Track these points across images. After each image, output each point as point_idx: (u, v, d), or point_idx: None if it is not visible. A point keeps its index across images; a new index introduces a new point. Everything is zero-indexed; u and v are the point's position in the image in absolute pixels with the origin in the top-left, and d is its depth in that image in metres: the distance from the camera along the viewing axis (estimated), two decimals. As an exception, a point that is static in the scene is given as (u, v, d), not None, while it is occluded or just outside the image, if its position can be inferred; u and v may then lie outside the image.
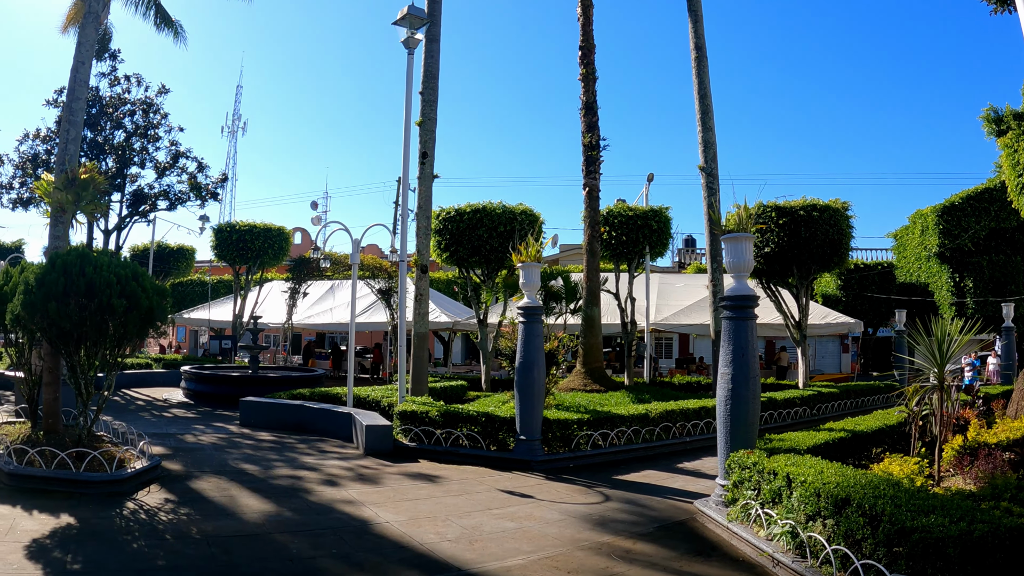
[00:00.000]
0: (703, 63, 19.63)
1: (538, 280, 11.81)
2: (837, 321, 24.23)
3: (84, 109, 11.26)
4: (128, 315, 9.07)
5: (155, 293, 9.51)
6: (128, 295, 9.08)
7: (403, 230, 14.56)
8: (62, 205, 10.44)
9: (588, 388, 17.77)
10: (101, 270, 9.03)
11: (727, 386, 8.73)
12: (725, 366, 8.78)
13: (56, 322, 8.83)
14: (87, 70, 11.31)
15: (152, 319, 9.48)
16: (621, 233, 21.49)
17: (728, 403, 8.73)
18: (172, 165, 27.46)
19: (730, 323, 8.82)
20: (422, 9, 14.58)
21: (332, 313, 28.19)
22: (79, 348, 9.34)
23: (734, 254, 8.97)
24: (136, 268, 9.62)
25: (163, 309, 9.65)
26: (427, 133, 16.29)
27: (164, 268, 33.04)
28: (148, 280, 9.55)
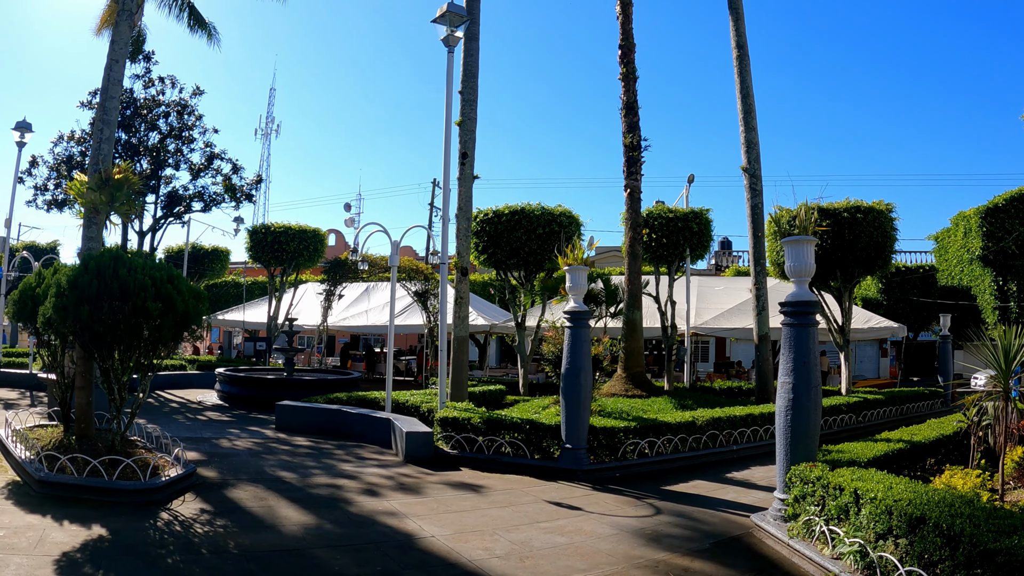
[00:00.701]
0: (745, 62, 19.28)
1: (585, 283, 11.42)
2: (880, 325, 23.62)
3: (118, 108, 11.02)
4: (163, 318, 8.79)
5: (191, 296, 9.22)
6: (163, 298, 8.81)
7: (444, 232, 14.23)
8: (96, 206, 10.20)
9: (630, 393, 17.37)
10: (135, 272, 8.76)
11: (788, 395, 8.28)
12: (786, 375, 8.33)
13: (89, 325, 8.57)
14: (121, 68, 11.06)
15: (188, 322, 9.20)
16: (661, 235, 21.11)
17: (788, 413, 8.28)
18: (207, 167, 27.37)
19: (791, 330, 8.37)
20: (461, 6, 14.27)
21: (367, 315, 27.97)
22: (112, 352, 9.07)
23: (795, 258, 8.53)
24: (171, 270, 9.35)
25: (199, 312, 9.35)
26: (467, 133, 15.97)
27: (199, 270, 33.04)
28: (184, 282, 9.27)
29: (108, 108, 10.62)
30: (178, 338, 9.42)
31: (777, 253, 20.13)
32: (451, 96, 14.47)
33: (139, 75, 26.69)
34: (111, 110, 10.67)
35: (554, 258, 19.75)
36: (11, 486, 8.89)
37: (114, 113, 10.72)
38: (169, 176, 26.96)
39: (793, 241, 8.59)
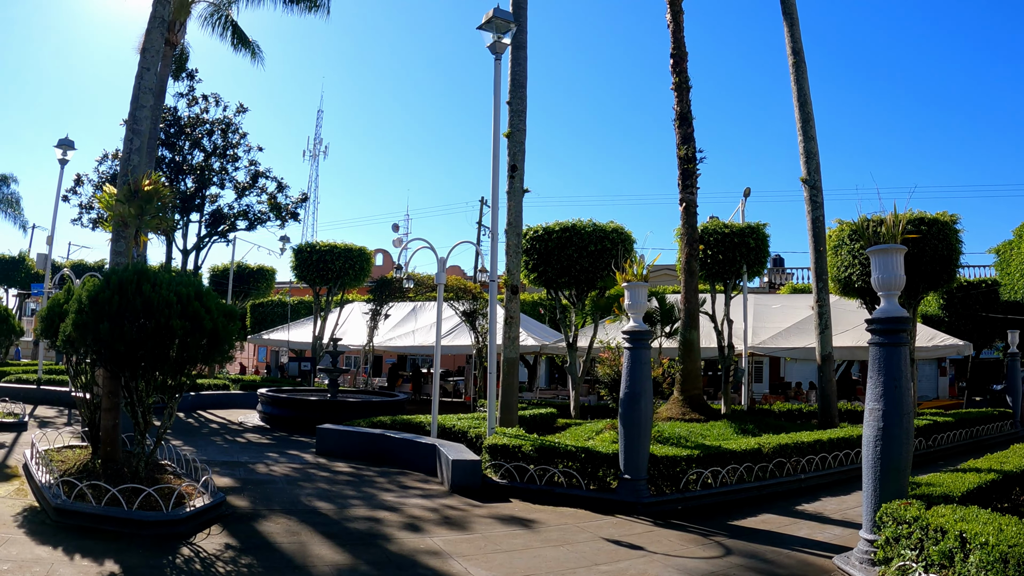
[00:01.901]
0: (801, 68, 18.55)
1: (645, 301, 10.61)
2: (944, 343, 22.44)
3: (149, 118, 10.57)
4: (189, 338, 8.17)
5: (221, 314, 8.60)
6: (190, 316, 8.19)
7: (493, 248, 13.45)
8: (124, 219, 9.68)
9: (687, 417, 16.45)
10: (160, 288, 8.16)
11: (877, 424, 7.40)
12: (875, 400, 7.45)
13: (109, 344, 7.98)
14: (152, 77, 10.59)
15: (218, 343, 8.56)
16: (717, 251, 20.21)
17: (878, 444, 7.39)
18: (251, 185, 27.18)
19: (881, 350, 7.48)
20: (508, 12, 13.63)
21: (414, 335, 27.42)
22: (136, 373, 8.47)
23: (884, 269, 7.64)
24: (200, 286, 8.75)
25: (229, 332, 8.72)
26: (516, 145, 15.30)
27: (244, 289, 32.86)
28: (213, 300, 8.65)
29: (138, 118, 10.14)
30: (207, 359, 8.78)
31: (838, 269, 19.22)
32: (499, 106, 13.81)
33: (182, 93, 26.60)
34: (141, 120, 10.19)
35: (606, 276, 19.15)
36: (27, 513, 8.33)
37: (145, 123, 10.25)
38: (214, 195, 26.79)
39: (881, 250, 7.71)
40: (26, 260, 40.05)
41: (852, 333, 22.13)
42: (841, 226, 19.58)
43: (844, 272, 19.24)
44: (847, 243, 19.23)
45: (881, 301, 7.69)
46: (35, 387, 22.68)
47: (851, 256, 19.07)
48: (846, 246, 19.26)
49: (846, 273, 19.19)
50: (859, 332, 22.18)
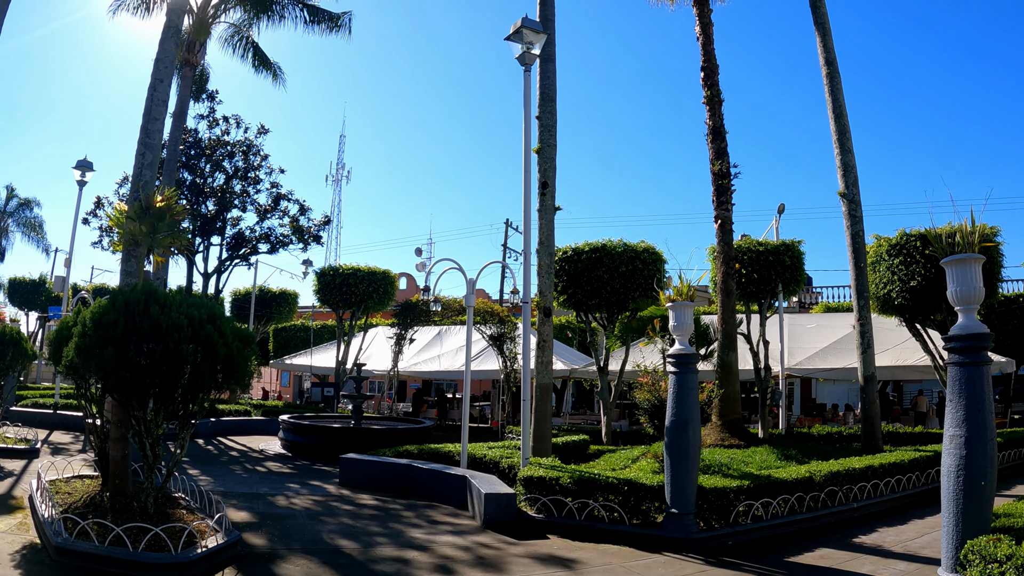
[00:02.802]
0: (835, 79, 17.96)
1: (691, 322, 9.93)
2: (987, 360, 21.59)
3: (162, 132, 10.13)
4: (201, 364, 7.58)
5: (236, 339, 8.01)
6: (202, 340, 7.61)
7: (526, 268, 12.81)
8: (135, 237, 9.17)
9: (726, 443, 15.72)
10: (169, 310, 7.59)
11: (959, 452, 6.69)
12: (955, 426, 6.75)
13: (114, 371, 7.40)
14: (165, 89, 10.15)
15: (232, 369, 7.96)
16: (752, 270, 19.60)
17: (960, 474, 6.68)
18: (273, 208, 26.84)
19: (961, 371, 6.79)
20: (536, 22, 13.09)
21: (440, 360, 26.87)
22: (144, 401, 7.89)
23: (961, 280, 6.96)
24: (214, 309, 8.17)
25: (245, 358, 8.12)
26: (546, 161, 14.74)
27: (266, 313, 32.51)
28: (227, 323, 8.07)
29: (151, 131, 9.68)
30: (221, 386, 8.19)
31: (876, 286, 18.57)
32: (529, 120, 13.24)
33: (203, 115, 26.38)
34: (154, 133, 9.73)
35: (637, 297, 18.64)
36: (27, 551, 7.74)
37: (157, 136, 9.80)
38: (236, 218, 26.47)
39: (958, 261, 7.03)
40: (47, 283, 39.95)
41: (892, 352, 21.42)
42: (879, 241, 19.01)
43: (883, 289, 18.67)
44: (885, 259, 18.71)
45: (959, 316, 7.01)
46: (51, 412, 22.33)
47: (890, 272, 18.52)
48: (884, 262, 18.73)
49: (885, 290, 18.62)
50: (899, 351, 21.46)
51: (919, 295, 17.96)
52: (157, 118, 9.91)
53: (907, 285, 17.96)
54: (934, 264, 17.40)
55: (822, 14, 18.36)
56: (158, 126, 9.90)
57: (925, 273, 17.65)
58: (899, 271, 18.18)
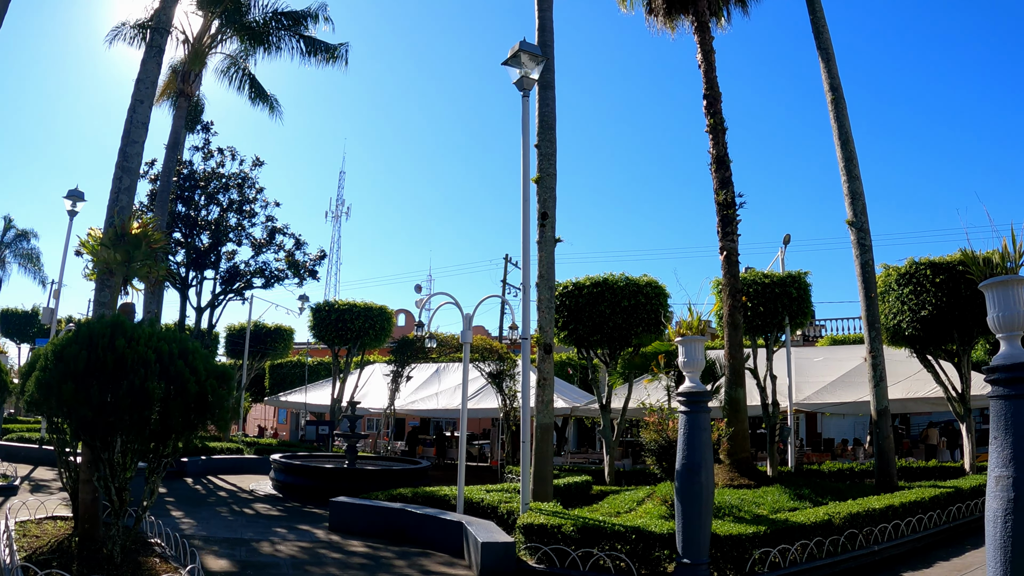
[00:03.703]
0: (841, 105, 17.70)
1: (703, 358, 9.35)
2: (999, 391, 21.05)
3: (141, 155, 9.63)
4: (170, 403, 7.00)
5: (211, 376, 7.41)
6: (172, 377, 7.03)
7: (525, 303, 12.20)
8: (109, 265, 8.63)
9: (735, 483, 15.08)
10: (136, 344, 7.01)
11: (1006, 495, 6.06)
12: (1002, 466, 6.12)
13: (75, 408, 6.82)
14: (145, 111, 9.69)
15: (205, 409, 7.35)
16: (758, 303, 19.06)
17: (1008, 519, 6.04)
18: (269, 242, 26.32)
19: (1007, 404, 6.17)
20: (535, 45, 12.66)
21: (438, 398, 26.30)
22: (108, 442, 7.28)
23: (1003, 305, 6.36)
24: (186, 343, 7.58)
25: (221, 397, 7.51)
26: (546, 191, 14.28)
27: (261, 349, 31.95)
28: (201, 359, 7.48)
29: (129, 154, 9.18)
30: (193, 428, 7.58)
31: (885, 316, 18.09)
32: (527, 148, 12.74)
33: (198, 146, 25.96)
34: (132, 156, 9.24)
35: (640, 333, 18.20)
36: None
37: (136, 160, 9.31)
38: (230, 251, 25.98)
39: (999, 284, 6.43)
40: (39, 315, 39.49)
41: (903, 384, 20.89)
42: (887, 271, 18.61)
43: (892, 320, 18.22)
44: (895, 289, 18.27)
45: (1002, 345, 6.39)
46: (37, 447, 21.70)
47: (900, 302, 18.08)
48: (893, 292, 18.29)
49: (895, 321, 18.17)
50: (910, 383, 20.92)
51: (930, 325, 17.52)
52: (136, 140, 9.43)
53: (918, 315, 17.52)
54: (945, 292, 17.08)
55: (825, 40, 18.13)
56: (137, 149, 9.41)
57: (936, 302, 17.21)
58: (909, 301, 17.76)
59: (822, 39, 18.15)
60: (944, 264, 17.26)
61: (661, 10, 19.49)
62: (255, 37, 25.22)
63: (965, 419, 18.00)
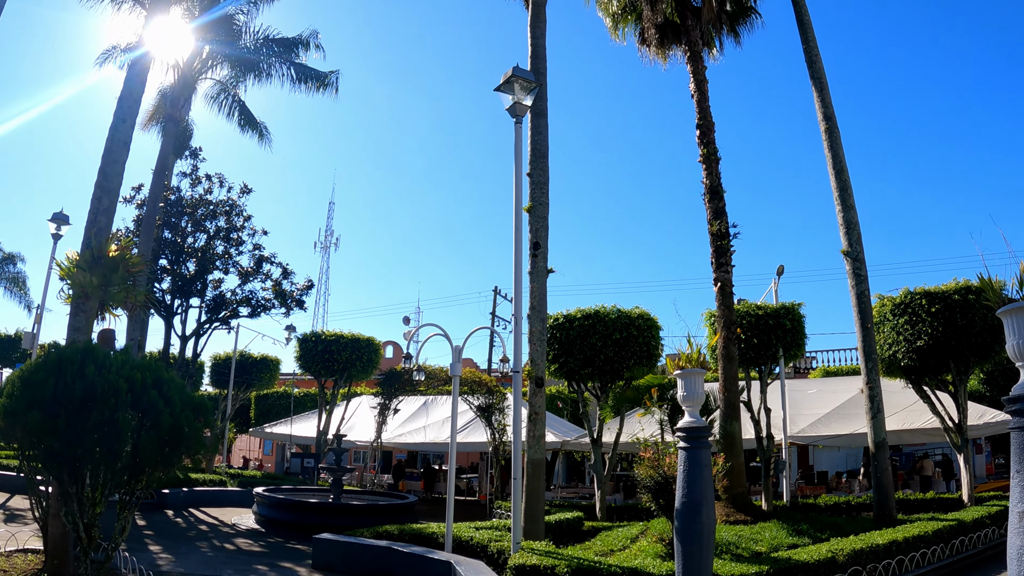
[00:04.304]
0: (835, 134, 17.64)
1: (703, 392, 9.01)
2: (996, 420, 20.81)
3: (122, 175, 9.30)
4: (141, 434, 6.62)
5: (186, 407, 7.05)
6: (145, 407, 6.67)
7: (516, 333, 11.79)
8: (85, 289, 8.26)
9: (732, 519, 14.73)
10: (107, 371, 6.66)
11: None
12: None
13: (41, 438, 6.44)
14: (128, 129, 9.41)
15: (180, 441, 6.98)
16: (751, 335, 18.82)
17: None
18: (255, 270, 26.05)
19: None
20: (528, 71, 12.43)
21: (426, 432, 25.91)
22: (76, 475, 6.88)
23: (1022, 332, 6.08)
24: (161, 372, 7.21)
25: (196, 429, 7.13)
26: (538, 220, 14.02)
27: (247, 379, 31.51)
28: (176, 389, 7.12)
29: (109, 174, 8.88)
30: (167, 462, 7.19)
31: (880, 347, 17.91)
32: (520, 176, 12.45)
33: (186, 172, 25.72)
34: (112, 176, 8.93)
35: (632, 366, 17.99)
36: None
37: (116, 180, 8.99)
38: (217, 280, 25.65)
39: (1018, 309, 6.15)
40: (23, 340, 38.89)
41: (899, 416, 20.64)
42: (882, 301, 18.49)
43: (888, 350, 18.03)
44: (889, 319, 18.13)
45: (1021, 374, 6.11)
46: (14, 474, 21.06)
47: (895, 332, 17.92)
48: (889, 322, 18.14)
49: (890, 351, 17.99)
50: (905, 414, 20.69)
51: (927, 355, 17.40)
52: (117, 160, 9.11)
53: (913, 345, 17.39)
54: (941, 322, 16.98)
55: (818, 68, 18.13)
56: (117, 168, 9.10)
57: (932, 332, 17.10)
58: (904, 331, 17.63)
59: (815, 68, 18.12)
60: (940, 293, 17.16)
61: (654, 40, 19.34)
62: (246, 63, 25.09)
63: (963, 450, 17.79)
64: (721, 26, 19.69)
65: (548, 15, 16.04)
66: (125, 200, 24.68)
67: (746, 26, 19.99)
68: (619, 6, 20.23)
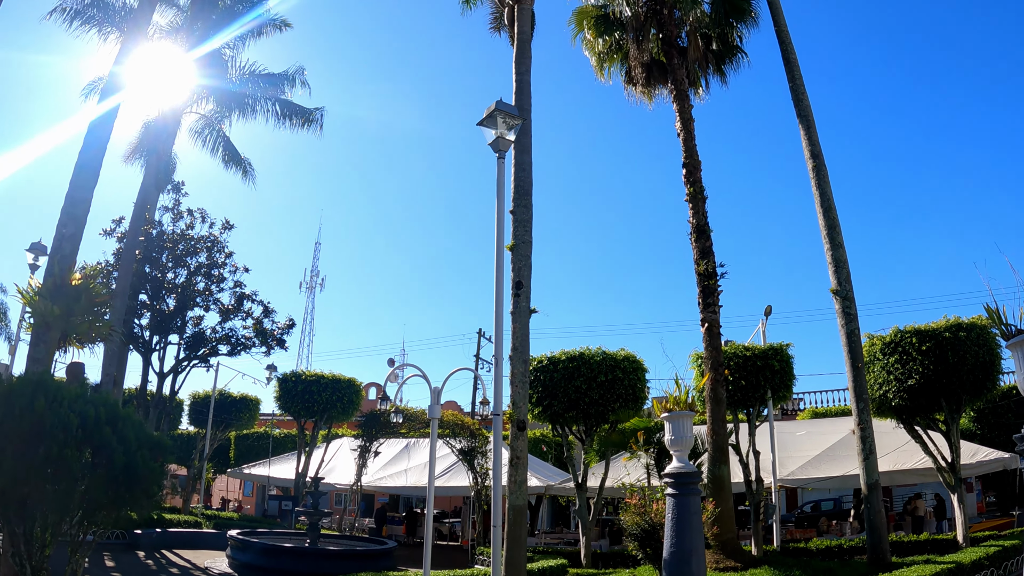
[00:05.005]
0: (822, 172, 17.44)
1: (692, 435, 8.68)
2: (989, 458, 20.59)
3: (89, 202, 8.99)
4: (93, 473, 6.19)
5: (142, 446, 6.61)
6: (97, 445, 6.24)
7: (496, 375, 11.37)
8: (46, 318, 7.85)
9: (721, 566, 14.33)
10: (58, 405, 6.25)
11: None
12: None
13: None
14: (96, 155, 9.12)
15: (135, 483, 6.52)
16: (739, 376, 18.63)
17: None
18: (236, 308, 25.59)
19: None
20: (512, 105, 12.20)
21: (407, 475, 25.43)
22: (24, 515, 6.43)
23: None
24: (116, 408, 6.79)
25: (153, 471, 6.69)
26: (521, 259, 13.77)
27: (226, 419, 31.08)
28: (133, 427, 6.69)
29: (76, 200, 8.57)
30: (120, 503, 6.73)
31: (870, 387, 17.71)
32: (502, 213, 12.10)
33: (168, 206, 25.37)
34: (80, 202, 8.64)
35: (618, 409, 17.86)
36: None
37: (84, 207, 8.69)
38: (197, 317, 25.24)
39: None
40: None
41: (891, 456, 20.36)
42: (871, 340, 18.36)
43: (878, 390, 17.85)
44: (879, 358, 17.98)
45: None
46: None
47: (885, 372, 17.75)
48: (879, 362, 17.99)
49: (880, 391, 17.81)
50: (897, 455, 20.44)
51: (918, 394, 17.27)
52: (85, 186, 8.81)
53: (904, 384, 17.23)
54: (932, 360, 16.86)
55: (805, 107, 18.02)
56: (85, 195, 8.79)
57: (923, 371, 16.95)
58: (895, 370, 17.47)
59: (802, 106, 18.02)
60: (930, 331, 17.06)
61: (640, 79, 19.30)
62: (231, 98, 24.99)
63: (956, 489, 17.56)
64: (707, 65, 19.67)
65: (533, 52, 15.93)
66: (105, 233, 24.40)
67: (732, 65, 19.98)
68: (605, 45, 20.18)
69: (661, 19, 18.79)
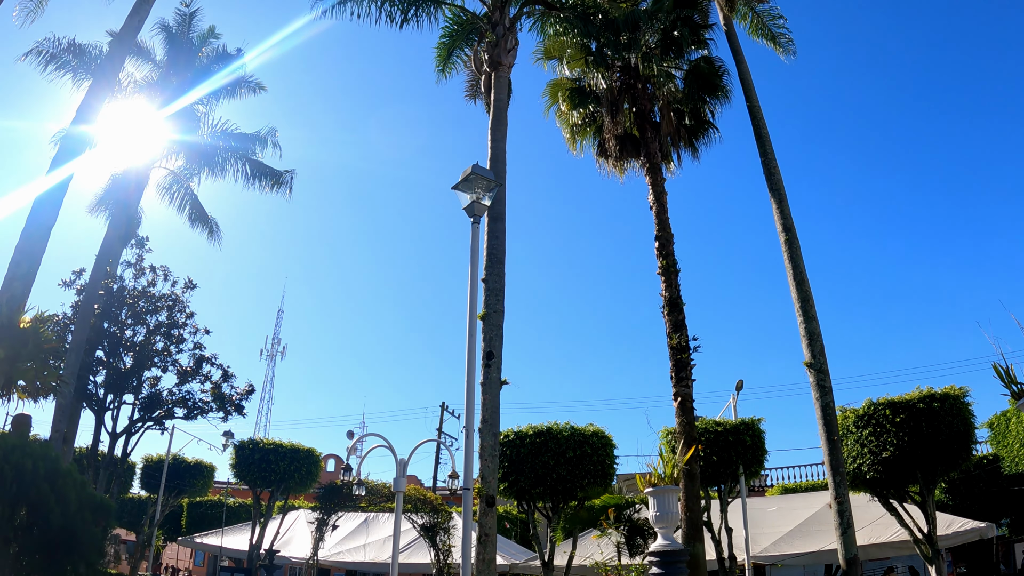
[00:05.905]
0: (794, 245, 17.58)
1: (678, 511, 8.29)
2: (964, 528, 20.32)
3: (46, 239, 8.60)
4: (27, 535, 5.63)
5: (83, 507, 6.04)
6: (34, 503, 5.68)
7: (467, 448, 10.81)
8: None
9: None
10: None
11: None
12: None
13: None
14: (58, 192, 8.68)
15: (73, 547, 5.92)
16: (711, 452, 18.48)
17: None
18: (195, 371, 24.92)
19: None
20: (488, 170, 11.99)
21: (366, 550, 24.56)
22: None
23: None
24: (57, 463, 6.20)
25: (93, 536, 6.09)
26: (493, 328, 13.51)
27: (179, 484, 30.16)
28: (74, 485, 6.11)
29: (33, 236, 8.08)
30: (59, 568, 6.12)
31: (846, 461, 17.58)
32: (475, 279, 11.77)
33: (131, 262, 24.82)
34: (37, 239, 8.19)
35: (586, 485, 17.62)
36: None
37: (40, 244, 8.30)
38: (154, 378, 24.53)
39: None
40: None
41: (866, 530, 20.06)
42: (845, 413, 18.29)
43: (852, 463, 17.72)
44: (853, 431, 17.88)
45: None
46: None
47: (859, 445, 17.66)
48: (852, 435, 17.88)
49: (855, 464, 17.68)
50: (872, 528, 20.16)
51: (893, 466, 17.13)
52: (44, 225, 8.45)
53: (879, 456, 17.13)
54: (906, 432, 16.81)
55: (777, 180, 18.22)
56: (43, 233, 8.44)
57: (897, 443, 16.88)
58: (869, 443, 17.38)
59: (774, 180, 18.16)
60: (904, 403, 17.04)
61: (614, 152, 19.35)
62: (201, 154, 24.76)
63: (935, 561, 17.33)
64: (679, 140, 19.77)
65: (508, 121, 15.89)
66: (64, 283, 23.83)
67: (704, 140, 20.15)
68: (579, 117, 20.28)
69: (635, 93, 18.94)
